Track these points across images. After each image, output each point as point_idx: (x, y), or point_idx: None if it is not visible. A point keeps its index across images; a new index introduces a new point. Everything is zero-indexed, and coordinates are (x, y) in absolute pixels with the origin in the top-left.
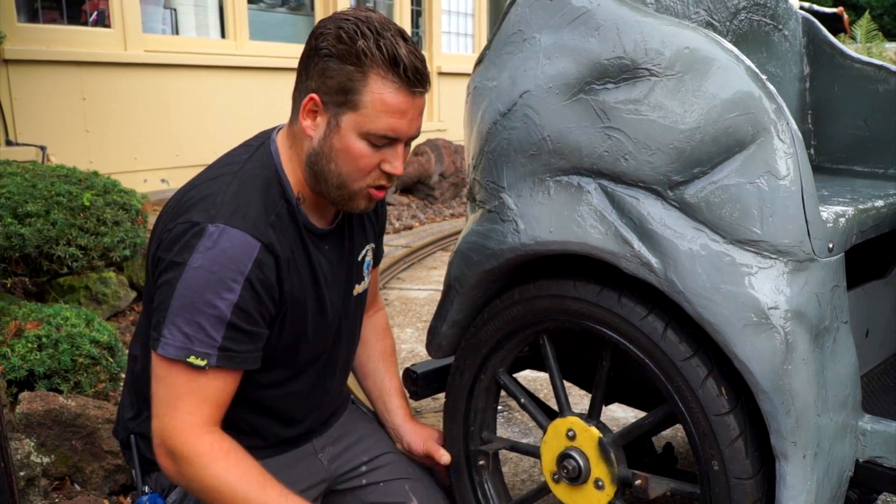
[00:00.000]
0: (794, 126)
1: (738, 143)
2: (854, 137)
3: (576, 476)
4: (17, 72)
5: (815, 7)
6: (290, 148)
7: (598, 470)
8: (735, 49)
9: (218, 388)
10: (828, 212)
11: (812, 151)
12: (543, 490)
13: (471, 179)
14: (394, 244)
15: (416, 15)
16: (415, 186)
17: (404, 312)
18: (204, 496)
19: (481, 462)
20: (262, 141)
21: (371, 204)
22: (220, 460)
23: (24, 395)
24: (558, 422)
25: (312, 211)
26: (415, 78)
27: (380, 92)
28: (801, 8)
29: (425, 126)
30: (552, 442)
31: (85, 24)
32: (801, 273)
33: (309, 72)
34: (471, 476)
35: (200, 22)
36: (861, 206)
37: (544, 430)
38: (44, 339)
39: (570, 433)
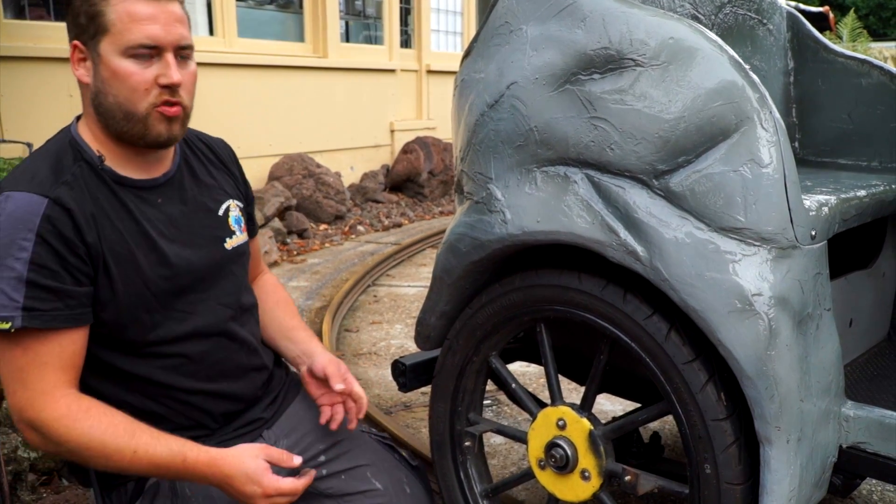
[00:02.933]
0: (777, 115)
1: (721, 132)
2: (838, 131)
3: (563, 465)
4: (3, 68)
5: (802, 6)
6: (84, 116)
7: (586, 461)
8: (719, 39)
9: (50, 350)
10: (810, 200)
11: (797, 145)
12: (527, 475)
13: (459, 171)
14: (383, 241)
15: (406, 13)
16: (404, 184)
17: (394, 309)
18: (77, 457)
19: (467, 443)
20: (67, 125)
21: (172, 127)
22: (82, 419)
23: None
24: (549, 410)
25: (125, 165)
26: None
27: (121, 2)
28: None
29: (415, 124)
30: (541, 429)
31: None
32: (784, 260)
33: (67, 27)
34: (454, 455)
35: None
36: (843, 196)
37: (534, 416)
38: None
39: (561, 422)
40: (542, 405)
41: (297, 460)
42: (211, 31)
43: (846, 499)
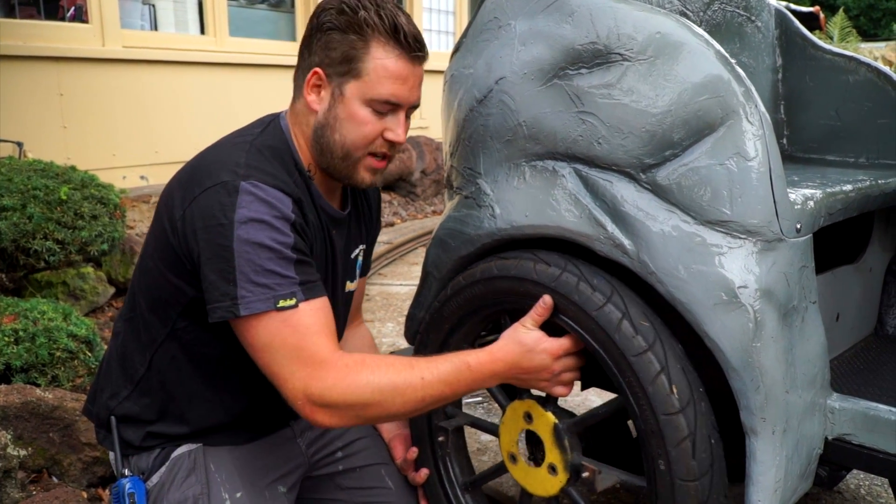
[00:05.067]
0: (763, 109)
1: (707, 126)
2: (825, 127)
3: (531, 459)
4: None
5: (793, 6)
6: (294, 126)
7: (553, 455)
8: (705, 34)
9: (317, 321)
10: (796, 194)
11: (784, 141)
12: (501, 469)
13: (448, 167)
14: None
15: None
16: (396, 183)
17: (385, 307)
18: (374, 412)
19: (440, 438)
20: (272, 119)
21: (375, 177)
22: (362, 371)
23: (1, 387)
24: (516, 403)
25: (322, 189)
26: (414, 44)
27: (382, 58)
28: None
29: None
30: (510, 423)
31: (62, 19)
32: (769, 253)
33: (311, 48)
34: (433, 449)
35: (179, 18)
36: (829, 190)
37: (504, 410)
38: (21, 333)
39: (528, 416)
40: (513, 398)
41: (548, 298)
42: (202, 30)
43: (834, 492)
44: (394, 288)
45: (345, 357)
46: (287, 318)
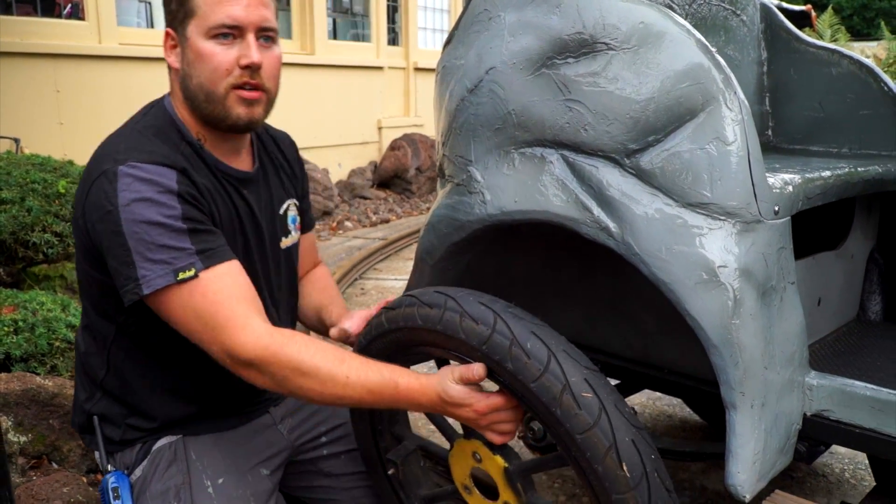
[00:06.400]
0: (742, 95)
1: (689, 112)
2: (810, 119)
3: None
4: None
5: (784, 5)
6: (174, 98)
7: (506, 495)
8: (687, 23)
9: (229, 284)
10: (775, 179)
11: (770, 133)
12: (456, 492)
13: (440, 156)
14: (371, 237)
15: (393, 10)
16: (391, 181)
17: (380, 301)
18: (294, 387)
19: (391, 472)
20: (156, 101)
21: (252, 110)
22: (289, 343)
23: (1, 375)
24: (463, 441)
25: (220, 153)
26: None
27: None
28: None
29: (402, 121)
30: (460, 459)
31: (59, 16)
32: (748, 234)
33: (165, 16)
34: (384, 472)
35: None
36: (808, 176)
37: (451, 444)
38: (20, 323)
39: (477, 456)
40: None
41: (479, 370)
42: None
43: (819, 476)
44: (389, 282)
45: (268, 327)
46: (193, 288)
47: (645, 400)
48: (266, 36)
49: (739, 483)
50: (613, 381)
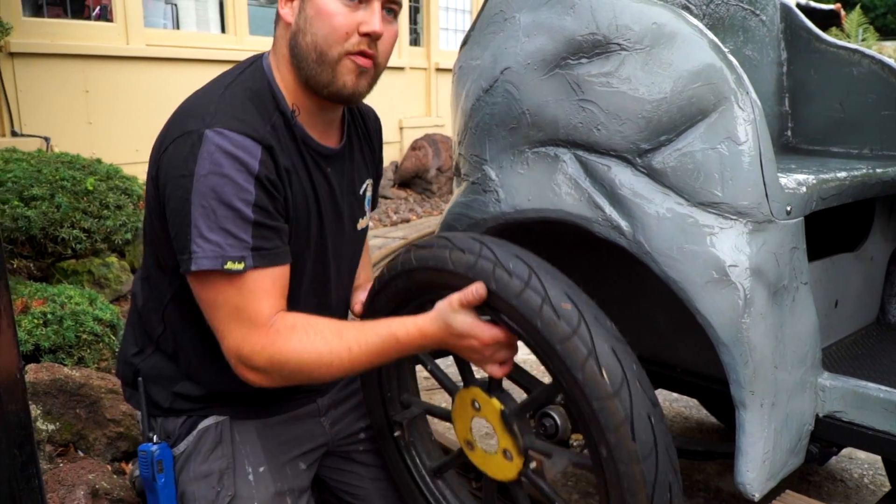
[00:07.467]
0: (754, 95)
1: (701, 112)
2: (830, 119)
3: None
4: (22, 65)
5: (812, 4)
6: (276, 57)
7: (504, 441)
8: (699, 24)
9: (265, 287)
10: (789, 179)
11: (789, 133)
12: (462, 455)
13: (456, 155)
14: (391, 236)
15: (415, 11)
16: (412, 181)
17: None
18: (302, 377)
19: (396, 433)
20: (255, 59)
21: (359, 81)
22: (289, 337)
23: (31, 366)
24: (462, 392)
25: (311, 125)
26: None
27: None
28: (797, 5)
29: (423, 122)
30: (460, 411)
31: (88, 18)
32: (759, 233)
33: None
34: (395, 440)
35: (201, 17)
36: (823, 176)
37: (453, 398)
38: (49, 316)
39: (476, 404)
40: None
41: (480, 288)
42: (223, 29)
43: (837, 481)
44: None
45: (279, 321)
46: (233, 279)
47: (661, 401)
48: (390, 9)
49: (748, 481)
50: None
